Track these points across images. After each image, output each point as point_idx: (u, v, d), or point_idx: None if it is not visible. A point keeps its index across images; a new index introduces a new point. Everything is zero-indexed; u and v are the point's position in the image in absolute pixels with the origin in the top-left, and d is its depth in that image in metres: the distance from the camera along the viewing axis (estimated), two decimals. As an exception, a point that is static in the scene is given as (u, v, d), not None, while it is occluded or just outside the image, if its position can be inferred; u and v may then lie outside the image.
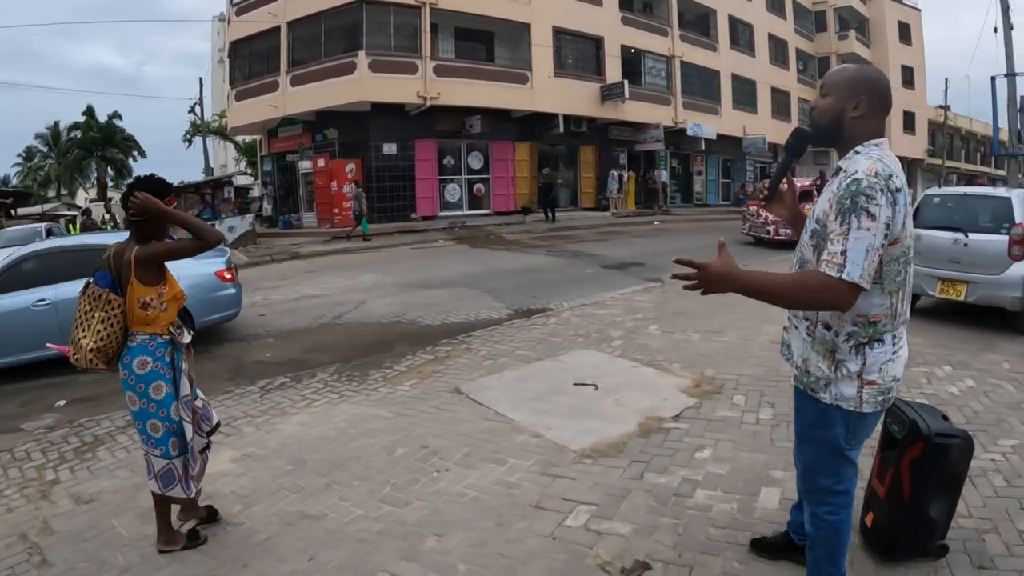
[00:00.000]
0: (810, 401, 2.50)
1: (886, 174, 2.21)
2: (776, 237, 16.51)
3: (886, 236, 2.18)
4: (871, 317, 2.33)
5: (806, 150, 2.65)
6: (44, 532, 3.73)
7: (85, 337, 3.26)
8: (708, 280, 2.19)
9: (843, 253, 2.15)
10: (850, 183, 2.20)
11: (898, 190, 2.21)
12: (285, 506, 3.88)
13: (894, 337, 2.40)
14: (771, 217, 16.03)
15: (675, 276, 2.24)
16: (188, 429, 3.44)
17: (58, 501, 4.11)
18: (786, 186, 2.83)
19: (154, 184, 3.42)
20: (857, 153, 2.34)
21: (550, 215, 24.77)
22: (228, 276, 8.44)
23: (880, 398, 2.40)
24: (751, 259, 12.67)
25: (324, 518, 3.73)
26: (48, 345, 6.05)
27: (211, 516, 3.74)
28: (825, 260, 2.19)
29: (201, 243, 3.41)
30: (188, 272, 7.72)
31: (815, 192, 15.61)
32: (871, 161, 2.26)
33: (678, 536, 3.41)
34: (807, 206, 2.82)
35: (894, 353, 2.40)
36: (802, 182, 17.27)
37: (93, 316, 3.27)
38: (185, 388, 3.46)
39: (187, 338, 3.54)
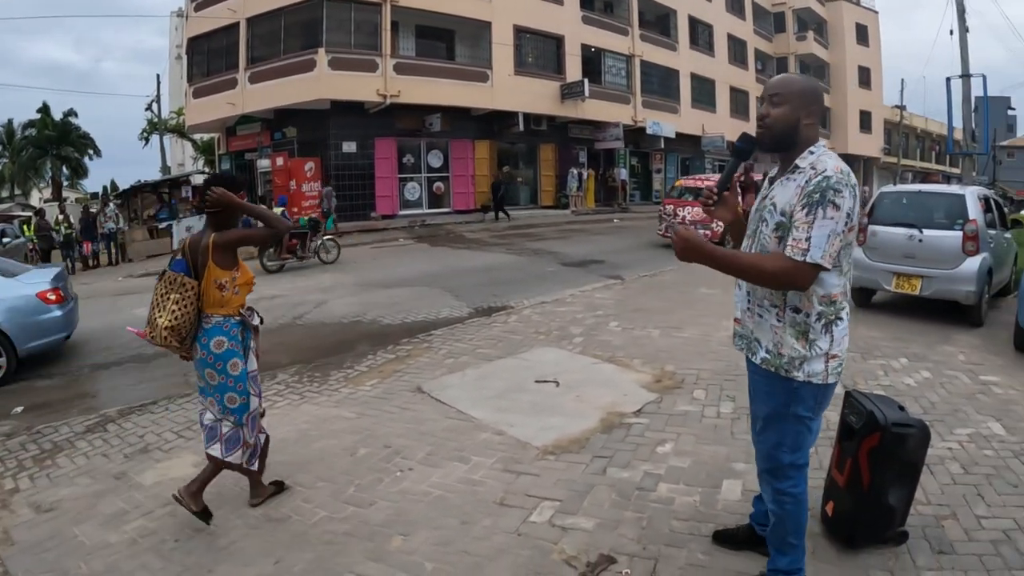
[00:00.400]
0: (781, 382, 2.67)
1: (847, 171, 2.51)
2: None
3: (847, 224, 2.46)
4: (832, 296, 2.58)
5: (752, 153, 2.86)
6: (5, 542, 3.66)
7: (161, 317, 3.55)
8: (679, 244, 2.50)
9: (808, 239, 2.42)
10: (821, 180, 2.46)
11: (855, 184, 2.51)
12: (249, 509, 3.87)
13: (846, 313, 2.66)
14: (688, 217, 15.26)
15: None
16: (255, 401, 3.83)
17: (18, 510, 4.04)
18: (728, 191, 2.96)
19: (228, 180, 3.84)
20: (812, 153, 2.59)
21: (502, 215, 24.66)
22: (53, 297, 7.75)
23: (839, 369, 2.65)
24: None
25: (288, 520, 3.73)
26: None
27: (279, 488, 4.09)
28: (790, 245, 2.46)
29: (273, 231, 3.88)
30: (5, 294, 7.43)
31: (737, 187, 15.63)
32: (835, 160, 2.54)
33: (642, 529, 3.48)
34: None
35: (846, 327, 2.67)
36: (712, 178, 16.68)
37: (168, 298, 3.57)
38: (252, 364, 3.85)
39: (256, 320, 3.92)
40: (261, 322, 3.95)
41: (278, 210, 14.84)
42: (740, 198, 3.04)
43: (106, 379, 7.13)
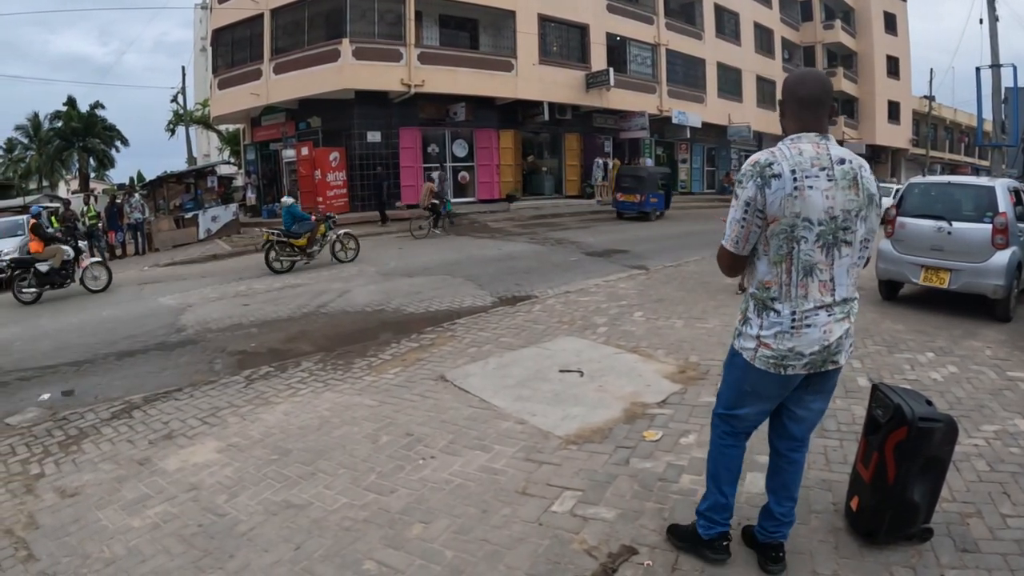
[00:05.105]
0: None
1: (766, 162, 2.60)
2: None
3: (746, 212, 2.63)
4: (764, 282, 2.72)
5: None
6: (29, 526, 3.69)
7: None
8: None
9: (727, 224, 2.74)
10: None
11: (775, 176, 2.55)
12: (270, 495, 3.87)
13: (794, 313, 2.67)
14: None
15: None
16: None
17: (43, 495, 4.07)
18: None
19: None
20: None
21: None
22: None
23: (772, 361, 2.72)
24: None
25: (309, 507, 3.72)
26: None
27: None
28: None
29: None
30: None
31: None
32: (762, 152, 2.68)
33: (663, 521, 3.42)
34: None
35: (793, 328, 2.67)
36: None
37: None
38: None
39: None
40: None
41: (288, 200, 14.61)
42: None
43: (131, 366, 7.18)
